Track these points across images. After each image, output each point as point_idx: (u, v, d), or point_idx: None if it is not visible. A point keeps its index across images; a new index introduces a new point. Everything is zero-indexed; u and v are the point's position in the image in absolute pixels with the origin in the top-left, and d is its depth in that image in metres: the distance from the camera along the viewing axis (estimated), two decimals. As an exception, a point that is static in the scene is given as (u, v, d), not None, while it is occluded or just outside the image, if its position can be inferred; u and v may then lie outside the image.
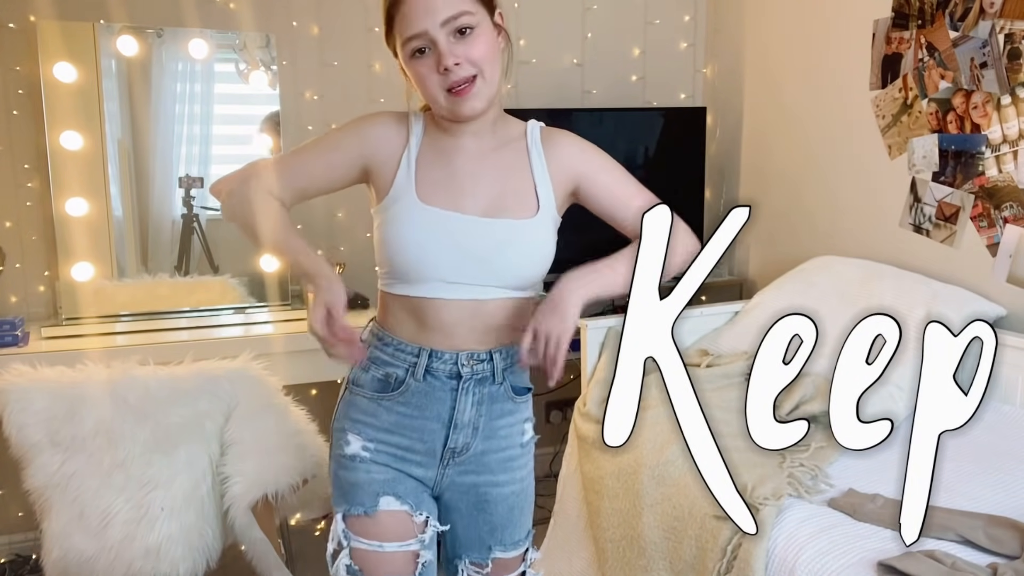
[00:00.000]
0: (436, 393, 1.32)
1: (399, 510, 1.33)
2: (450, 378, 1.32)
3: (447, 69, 1.21)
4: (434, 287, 1.28)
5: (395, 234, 1.27)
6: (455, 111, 1.25)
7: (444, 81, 1.22)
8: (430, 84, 1.24)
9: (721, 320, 2.60)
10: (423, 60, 1.23)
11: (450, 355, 1.31)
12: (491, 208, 1.29)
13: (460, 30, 1.22)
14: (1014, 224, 2.18)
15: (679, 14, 3.28)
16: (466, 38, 1.22)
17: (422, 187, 1.29)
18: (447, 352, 1.31)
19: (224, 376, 1.98)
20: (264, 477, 1.97)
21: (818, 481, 1.76)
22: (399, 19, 1.22)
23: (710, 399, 2.12)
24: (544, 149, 1.35)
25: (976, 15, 2.21)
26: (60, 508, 1.91)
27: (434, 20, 1.20)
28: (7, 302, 2.57)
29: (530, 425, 1.45)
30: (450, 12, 1.20)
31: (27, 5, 2.46)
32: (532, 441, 1.46)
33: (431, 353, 1.31)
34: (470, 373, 1.32)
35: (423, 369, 1.31)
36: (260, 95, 2.65)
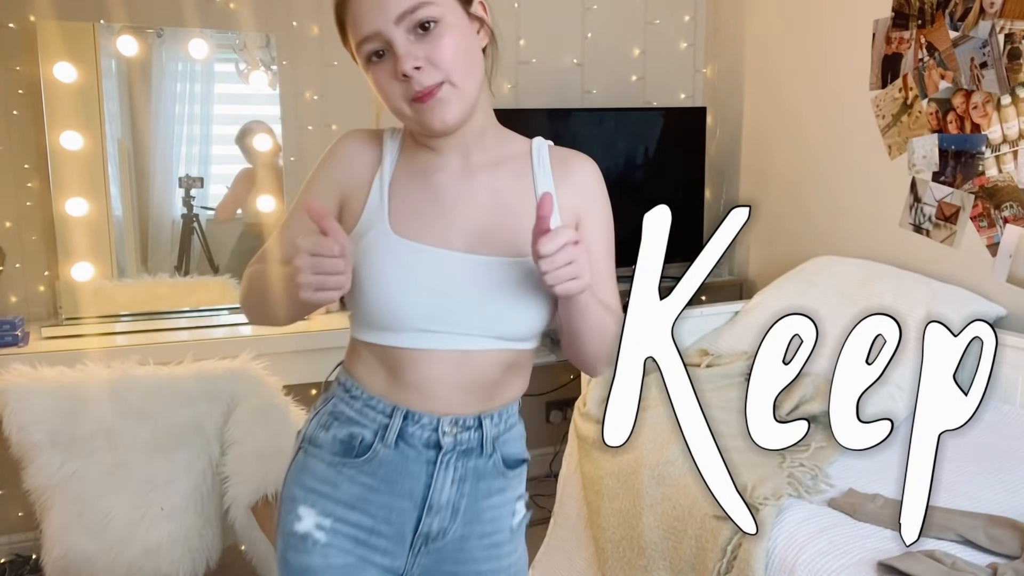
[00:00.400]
0: (409, 465, 1.08)
1: None
2: (428, 447, 1.08)
3: (406, 75, 0.99)
4: (410, 337, 1.06)
5: (364, 272, 1.04)
6: (423, 123, 1.03)
7: (406, 90, 1.01)
8: (391, 94, 1.02)
9: (721, 320, 2.60)
10: (381, 65, 1.02)
11: (429, 419, 1.08)
12: (479, 242, 1.06)
13: (421, 25, 0.99)
14: (1014, 224, 2.18)
15: (679, 14, 3.28)
16: (429, 35, 1.00)
17: (396, 216, 1.07)
18: (426, 415, 1.08)
19: (224, 376, 1.98)
20: (264, 477, 1.97)
21: (818, 481, 1.76)
22: (349, 18, 1.04)
23: (710, 399, 2.12)
24: (554, 170, 1.12)
25: (976, 15, 2.21)
26: (60, 508, 1.91)
27: (386, 16, 0.98)
28: (7, 302, 2.57)
29: (523, 503, 1.20)
30: (405, 4, 0.98)
31: (27, 5, 2.45)
32: (524, 521, 1.21)
33: (406, 414, 1.08)
34: (452, 443, 1.09)
35: (395, 433, 1.08)
36: (260, 95, 2.65)
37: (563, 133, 2.91)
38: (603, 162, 3.19)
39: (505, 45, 3.44)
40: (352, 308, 1.11)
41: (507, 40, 3.04)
